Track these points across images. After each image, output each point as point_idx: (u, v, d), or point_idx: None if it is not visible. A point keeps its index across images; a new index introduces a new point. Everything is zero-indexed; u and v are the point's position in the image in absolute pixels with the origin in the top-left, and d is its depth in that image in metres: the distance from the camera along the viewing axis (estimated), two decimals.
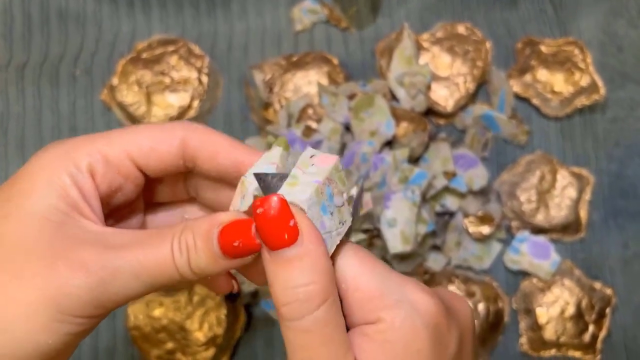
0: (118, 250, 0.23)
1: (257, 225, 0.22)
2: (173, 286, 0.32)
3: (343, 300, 0.24)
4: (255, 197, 0.23)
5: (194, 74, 0.53)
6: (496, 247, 0.51)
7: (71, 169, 0.23)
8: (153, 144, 0.25)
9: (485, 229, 0.50)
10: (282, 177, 0.23)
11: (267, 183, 0.23)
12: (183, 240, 0.23)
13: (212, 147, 0.25)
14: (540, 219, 0.51)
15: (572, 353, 0.49)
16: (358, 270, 0.24)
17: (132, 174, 0.25)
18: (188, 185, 0.29)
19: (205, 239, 0.23)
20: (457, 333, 0.24)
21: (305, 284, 0.21)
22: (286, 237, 0.21)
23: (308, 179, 0.23)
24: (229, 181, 0.26)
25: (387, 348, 0.23)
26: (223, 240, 0.22)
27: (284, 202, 0.21)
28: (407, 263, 0.49)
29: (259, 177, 0.23)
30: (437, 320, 0.23)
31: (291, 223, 0.21)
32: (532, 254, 0.50)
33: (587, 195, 0.52)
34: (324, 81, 0.52)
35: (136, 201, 0.28)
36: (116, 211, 0.27)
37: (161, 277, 0.23)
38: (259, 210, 0.21)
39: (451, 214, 0.51)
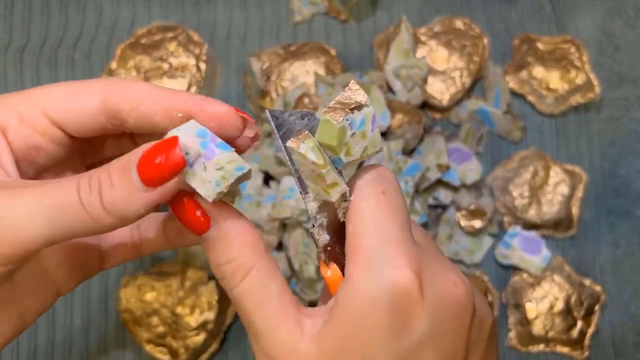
0: (14, 188, 0.21)
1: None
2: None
3: (346, 236, 0.24)
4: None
5: (192, 61, 0.53)
6: (487, 241, 0.51)
7: None
8: (68, 100, 0.23)
9: (477, 223, 0.50)
10: (303, 115, 0.23)
11: (283, 120, 0.23)
12: (95, 177, 0.21)
13: (134, 95, 0.23)
14: (532, 214, 0.51)
15: (560, 349, 0.50)
16: (366, 218, 0.23)
17: (50, 132, 0.24)
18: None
19: (122, 169, 0.21)
20: (430, 322, 0.23)
21: (227, 261, 0.23)
22: (198, 225, 0.23)
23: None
24: (162, 133, 0.24)
25: (347, 315, 0.23)
26: (143, 163, 0.21)
27: (189, 201, 0.22)
28: None
29: (272, 114, 0.23)
30: (407, 303, 0.22)
31: (197, 213, 0.22)
32: (523, 249, 0.51)
33: (579, 193, 0.52)
34: (321, 71, 0.52)
35: (69, 162, 0.26)
36: (48, 173, 0.26)
37: (63, 217, 0.21)
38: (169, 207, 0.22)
39: (444, 207, 0.51)
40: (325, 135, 0.23)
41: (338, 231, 0.25)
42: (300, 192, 0.24)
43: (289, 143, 0.23)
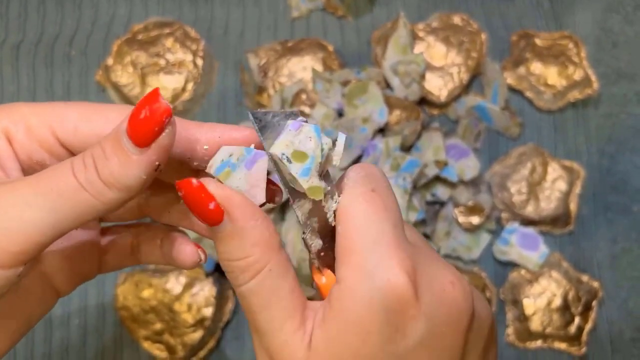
0: (11, 183, 0.20)
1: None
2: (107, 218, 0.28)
3: (336, 237, 0.23)
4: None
5: (189, 57, 0.53)
6: (485, 237, 0.51)
7: None
8: (79, 123, 0.23)
9: (475, 220, 0.50)
10: (287, 115, 0.22)
11: (266, 122, 0.22)
12: (88, 155, 0.21)
13: None
14: (530, 210, 0.51)
15: (557, 345, 0.50)
16: (356, 219, 0.23)
17: (57, 151, 0.23)
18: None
19: (113, 139, 0.20)
20: (426, 325, 0.22)
21: (238, 258, 0.22)
22: (211, 217, 0.21)
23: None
24: (186, 163, 0.24)
25: (340, 319, 0.22)
26: (130, 125, 0.20)
27: (200, 187, 0.21)
28: None
29: (255, 116, 0.22)
30: (401, 306, 0.22)
31: (211, 206, 0.21)
32: (521, 245, 0.51)
33: (577, 189, 0.52)
34: (319, 67, 0.52)
35: None
36: None
37: (64, 201, 0.20)
38: (179, 193, 0.21)
39: (441, 204, 0.51)
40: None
41: (329, 235, 0.24)
42: (289, 198, 0.23)
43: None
